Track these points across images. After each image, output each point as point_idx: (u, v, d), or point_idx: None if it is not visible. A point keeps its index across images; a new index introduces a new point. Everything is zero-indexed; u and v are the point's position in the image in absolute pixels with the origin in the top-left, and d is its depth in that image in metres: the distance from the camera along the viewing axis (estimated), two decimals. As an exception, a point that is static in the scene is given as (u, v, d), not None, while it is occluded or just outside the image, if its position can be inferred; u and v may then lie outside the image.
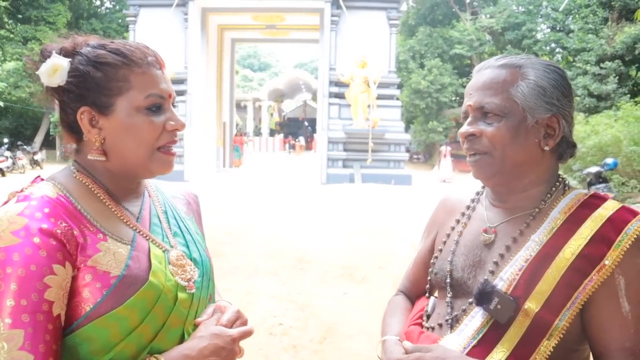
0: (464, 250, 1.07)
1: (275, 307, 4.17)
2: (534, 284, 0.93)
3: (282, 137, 35.65)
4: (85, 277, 0.84)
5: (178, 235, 1.03)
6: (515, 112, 0.98)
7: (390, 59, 14.68)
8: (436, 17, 24.14)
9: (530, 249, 0.97)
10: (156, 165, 0.96)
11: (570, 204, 1.00)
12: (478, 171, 1.04)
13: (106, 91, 0.90)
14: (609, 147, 9.69)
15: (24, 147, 18.82)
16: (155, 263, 0.92)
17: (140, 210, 1.00)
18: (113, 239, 0.90)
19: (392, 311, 1.23)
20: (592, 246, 0.92)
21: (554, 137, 1.00)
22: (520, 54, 1.06)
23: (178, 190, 1.20)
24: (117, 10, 23.26)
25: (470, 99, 1.03)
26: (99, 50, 0.92)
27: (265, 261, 5.66)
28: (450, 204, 1.23)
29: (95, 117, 0.92)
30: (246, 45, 45.90)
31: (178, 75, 14.25)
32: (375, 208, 9.88)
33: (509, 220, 1.04)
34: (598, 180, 8.35)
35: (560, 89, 1.00)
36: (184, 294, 0.94)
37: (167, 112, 0.96)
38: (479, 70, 1.06)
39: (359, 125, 13.94)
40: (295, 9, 15.04)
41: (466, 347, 0.96)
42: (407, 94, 21.00)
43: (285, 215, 8.89)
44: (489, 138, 0.99)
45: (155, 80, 0.94)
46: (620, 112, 11.32)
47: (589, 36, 17.93)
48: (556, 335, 0.90)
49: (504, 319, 0.93)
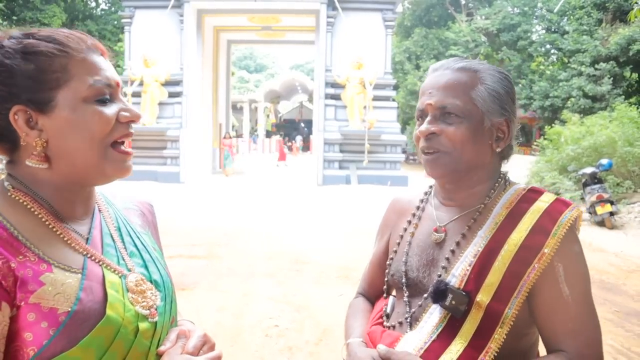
0: (417, 250, 1.11)
1: (271, 309, 4.16)
2: (483, 277, 0.98)
3: (280, 138, 35.59)
4: (28, 317, 0.71)
5: (135, 255, 0.91)
6: (475, 115, 1.03)
7: (386, 60, 14.70)
8: (432, 18, 24.23)
9: (478, 245, 1.02)
10: (111, 166, 0.83)
11: (510, 199, 1.06)
12: (433, 168, 1.07)
13: (42, 85, 0.78)
14: (603, 148, 9.72)
15: None
16: (111, 292, 0.79)
17: (90, 229, 0.87)
18: (59, 268, 0.77)
19: (353, 313, 1.26)
20: (532, 237, 0.98)
21: (504, 139, 1.07)
22: (473, 60, 1.10)
23: (130, 200, 1.05)
24: (113, 12, 23.24)
25: (430, 97, 1.05)
26: (26, 40, 0.79)
27: (262, 263, 5.66)
28: (400, 205, 1.27)
29: (32, 116, 0.78)
30: (242, 47, 45.86)
31: (173, 76, 14.23)
32: (372, 209, 9.89)
33: (457, 218, 1.09)
34: (593, 181, 8.39)
35: (510, 95, 1.07)
36: (145, 323, 0.82)
37: (119, 102, 0.84)
38: (436, 70, 1.09)
39: (355, 126, 13.96)
40: (291, 10, 15.05)
41: (427, 342, 1.00)
42: (403, 95, 21.07)
43: (282, 216, 8.88)
44: (450, 137, 1.03)
45: (98, 66, 0.82)
46: (614, 113, 11.37)
47: (584, 37, 18.04)
48: (507, 322, 0.95)
49: (459, 314, 0.98)
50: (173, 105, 14.25)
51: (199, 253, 6.01)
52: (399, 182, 13.84)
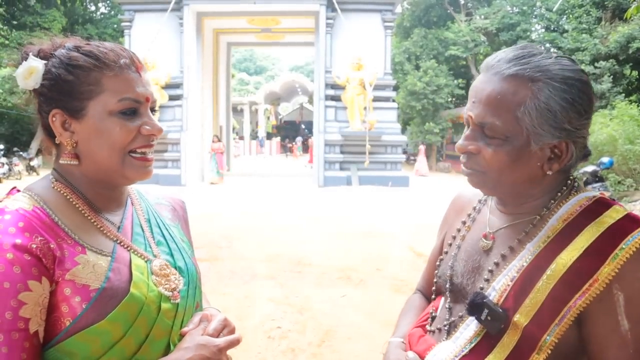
0: (464, 255, 1.05)
1: (273, 311, 4.16)
2: (524, 296, 0.89)
3: (279, 140, 35.45)
4: (64, 291, 0.82)
5: (162, 244, 1.00)
6: (518, 137, 0.89)
7: (385, 61, 14.72)
8: (431, 18, 24.23)
9: (524, 259, 0.92)
10: (130, 171, 0.93)
11: (571, 210, 0.92)
12: (473, 185, 1.00)
13: (77, 95, 0.88)
14: (604, 146, 9.73)
15: (20, 153, 18.73)
16: (136, 274, 0.89)
17: (122, 219, 0.97)
18: (92, 251, 0.87)
19: (405, 311, 1.22)
20: (585, 259, 0.85)
21: (559, 160, 0.91)
22: (536, 56, 0.90)
23: (163, 196, 1.16)
24: (113, 15, 23.27)
25: (473, 108, 0.93)
26: (72, 53, 0.90)
27: (263, 265, 5.66)
28: (461, 202, 1.19)
29: (67, 120, 0.90)
30: (242, 49, 45.95)
31: (174, 79, 14.26)
32: (373, 210, 9.89)
33: (508, 226, 1.00)
34: (594, 180, 8.38)
35: (576, 109, 0.88)
36: (167, 304, 0.92)
37: (144, 116, 0.93)
38: (488, 70, 0.93)
39: (356, 127, 13.96)
40: (291, 12, 15.07)
41: (458, 355, 0.95)
42: (403, 96, 21.05)
43: (283, 218, 8.88)
44: (487, 160, 0.92)
45: (129, 83, 0.90)
46: (615, 111, 11.37)
47: (583, 36, 18.03)
48: (545, 350, 0.86)
49: (494, 331, 0.90)
50: (174, 108, 14.26)
51: (200, 255, 6.01)
52: (400, 182, 13.84)
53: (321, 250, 6.34)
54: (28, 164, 17.81)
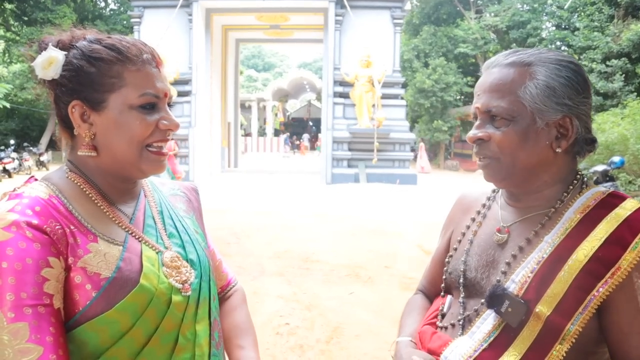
0: (478, 250, 1.05)
1: (281, 307, 4.17)
2: (546, 287, 0.90)
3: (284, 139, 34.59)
4: (76, 279, 0.83)
5: (174, 236, 1.01)
6: (524, 115, 0.94)
7: (394, 58, 14.66)
8: (440, 16, 24.09)
9: (543, 251, 0.94)
10: (147, 164, 0.93)
11: (586, 203, 0.95)
12: (488, 175, 1.01)
13: (99, 87, 0.88)
14: (615, 145, 9.63)
15: (30, 148, 18.92)
16: (147, 265, 0.89)
17: (134, 211, 0.98)
18: (104, 239, 0.88)
19: (408, 311, 1.22)
20: (606, 248, 0.87)
21: (567, 138, 0.96)
22: (530, 49, 1.00)
23: (178, 187, 1.16)
24: (122, 11, 23.36)
25: (478, 100, 0.99)
26: (94, 45, 0.90)
27: (271, 261, 5.67)
28: (467, 202, 1.20)
29: (86, 111, 0.90)
30: (250, 46, 45.96)
31: (182, 75, 14.30)
32: (381, 208, 9.87)
33: (522, 219, 1.01)
34: (605, 179, 8.30)
35: (573, 86, 0.94)
36: (178, 296, 0.92)
37: (162, 111, 0.94)
38: (488, 67, 1.01)
39: (364, 124, 13.93)
40: (300, 8, 15.05)
41: (477, 350, 0.94)
42: (412, 93, 20.97)
43: (291, 215, 8.89)
44: (497, 143, 0.96)
45: (150, 78, 0.91)
46: (626, 110, 11.25)
47: (595, 34, 17.82)
48: (568, 339, 0.87)
49: (515, 323, 0.91)
50: (182, 104, 14.31)
51: (209, 251, 6.03)
52: (408, 180, 13.80)
53: (329, 248, 6.34)
54: (38, 159, 17.97)
